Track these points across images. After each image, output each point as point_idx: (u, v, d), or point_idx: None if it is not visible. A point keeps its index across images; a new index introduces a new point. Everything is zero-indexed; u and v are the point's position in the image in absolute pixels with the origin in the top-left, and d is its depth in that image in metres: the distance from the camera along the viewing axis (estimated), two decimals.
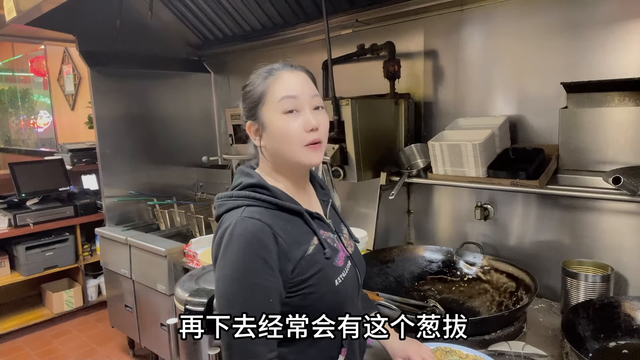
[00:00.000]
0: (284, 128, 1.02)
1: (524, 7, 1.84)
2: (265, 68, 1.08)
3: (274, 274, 0.96)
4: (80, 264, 3.84)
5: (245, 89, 1.09)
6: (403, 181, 1.96)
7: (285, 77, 1.05)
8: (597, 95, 1.63)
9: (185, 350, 1.80)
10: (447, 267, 1.90)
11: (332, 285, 1.03)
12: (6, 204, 3.66)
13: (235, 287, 0.96)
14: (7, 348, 3.44)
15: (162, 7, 3.23)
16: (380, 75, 2.14)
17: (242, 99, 1.10)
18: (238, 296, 0.96)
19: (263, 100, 1.04)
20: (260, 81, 1.05)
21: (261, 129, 1.05)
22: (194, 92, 3.53)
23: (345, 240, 1.18)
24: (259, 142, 1.08)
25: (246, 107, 1.08)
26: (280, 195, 1.04)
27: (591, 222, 1.72)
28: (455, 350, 1.29)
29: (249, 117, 1.08)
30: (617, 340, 1.38)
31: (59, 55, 5.29)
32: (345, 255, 1.12)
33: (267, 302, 0.96)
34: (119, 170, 3.17)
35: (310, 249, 1.02)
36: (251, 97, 1.06)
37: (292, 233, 1.00)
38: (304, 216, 1.05)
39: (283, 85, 1.04)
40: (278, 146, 1.04)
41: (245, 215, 0.98)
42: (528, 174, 1.64)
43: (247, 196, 1.02)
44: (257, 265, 0.94)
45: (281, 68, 1.07)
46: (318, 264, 1.02)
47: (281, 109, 1.02)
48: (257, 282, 0.95)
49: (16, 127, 6.84)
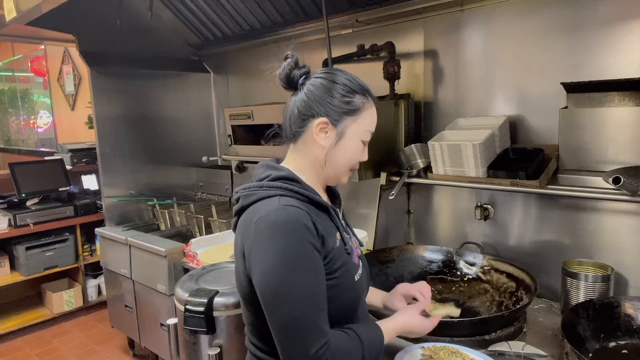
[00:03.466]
0: (354, 154, 1.09)
1: (524, 7, 1.84)
2: (362, 83, 1.09)
3: (319, 256, 0.97)
4: (80, 264, 3.84)
5: (339, 85, 1.06)
6: (403, 181, 1.96)
7: (374, 111, 1.10)
8: (597, 95, 1.63)
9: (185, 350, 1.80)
10: (447, 267, 1.90)
11: (353, 280, 1.06)
12: (6, 204, 3.66)
13: (292, 276, 0.93)
14: (7, 348, 3.44)
15: (162, 7, 3.23)
16: (380, 76, 2.14)
17: (327, 91, 1.05)
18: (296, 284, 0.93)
19: (355, 116, 1.06)
20: (361, 97, 1.07)
21: (335, 135, 1.05)
22: (193, 92, 3.53)
23: (355, 243, 1.20)
24: (323, 142, 1.06)
25: (334, 106, 1.04)
26: (310, 189, 1.06)
27: (591, 222, 1.72)
28: (462, 352, 1.29)
29: (330, 116, 1.04)
30: (617, 340, 1.38)
31: (59, 55, 5.29)
32: (358, 254, 1.15)
33: (321, 285, 0.96)
34: (119, 170, 3.17)
35: (337, 243, 1.04)
36: (348, 104, 1.05)
37: (323, 224, 1.01)
38: (330, 212, 1.08)
39: (373, 119, 1.10)
40: (338, 160, 1.08)
41: (283, 204, 0.97)
42: (528, 174, 1.64)
43: (280, 187, 1.02)
44: (308, 249, 0.95)
45: (373, 96, 1.10)
46: (342, 258, 1.04)
47: (363, 137, 1.08)
48: (312, 266, 0.95)
49: (16, 127, 6.84)
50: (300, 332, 0.92)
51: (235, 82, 3.38)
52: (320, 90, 1.05)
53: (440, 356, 1.27)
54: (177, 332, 1.81)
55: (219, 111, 3.57)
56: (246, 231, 0.99)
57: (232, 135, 2.67)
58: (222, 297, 1.66)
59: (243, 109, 2.51)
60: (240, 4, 2.81)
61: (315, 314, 0.94)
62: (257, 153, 2.56)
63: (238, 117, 2.54)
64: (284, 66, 1.09)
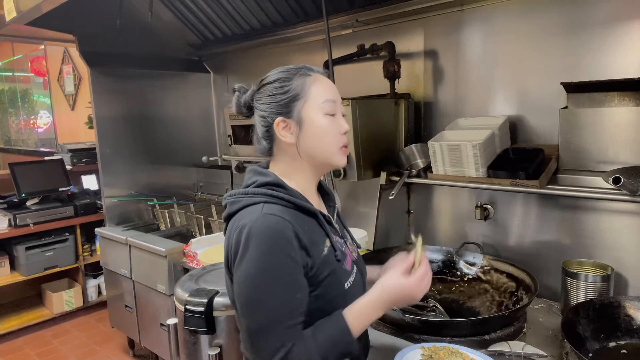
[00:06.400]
0: (326, 129, 1.05)
1: (524, 7, 1.84)
2: (297, 66, 1.09)
3: (300, 270, 0.96)
4: (80, 264, 3.84)
5: (274, 84, 1.07)
6: (403, 181, 1.96)
7: (324, 80, 1.08)
8: (597, 95, 1.63)
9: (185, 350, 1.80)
10: (447, 267, 1.90)
11: (343, 288, 1.04)
12: (6, 204, 3.66)
13: (262, 286, 0.94)
14: (7, 348, 3.44)
15: (162, 7, 3.23)
16: (380, 76, 2.14)
17: (267, 94, 1.07)
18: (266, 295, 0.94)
19: (303, 98, 1.04)
20: (298, 78, 1.06)
21: (296, 126, 1.05)
22: (193, 92, 3.53)
23: (350, 246, 1.18)
24: (290, 139, 1.05)
25: (277, 102, 1.05)
26: (297, 194, 1.05)
27: (591, 222, 1.72)
28: (462, 352, 1.29)
29: (281, 113, 1.05)
30: (617, 340, 1.38)
31: (59, 55, 5.29)
32: (352, 260, 1.12)
33: (294, 299, 0.95)
34: (119, 170, 3.17)
35: (325, 251, 1.03)
36: (287, 92, 1.05)
37: (309, 233, 1.00)
38: (319, 218, 1.06)
39: (325, 88, 1.07)
40: (314, 144, 1.05)
41: (266, 212, 0.97)
42: (528, 174, 1.64)
43: (265, 194, 1.02)
44: (283, 261, 0.94)
45: (317, 71, 1.09)
46: (331, 266, 1.02)
47: (324, 110, 1.05)
48: (285, 279, 0.94)
49: (16, 127, 6.84)
50: (265, 341, 0.94)
51: (235, 82, 3.30)
52: (265, 99, 1.07)
53: (440, 356, 1.27)
54: (177, 332, 1.81)
55: (219, 111, 3.57)
56: (231, 239, 1.01)
57: (232, 135, 2.67)
58: (222, 297, 1.66)
59: None
60: (240, 4, 2.81)
61: (281, 325, 0.93)
62: None
63: (238, 117, 2.54)
64: (234, 101, 1.12)
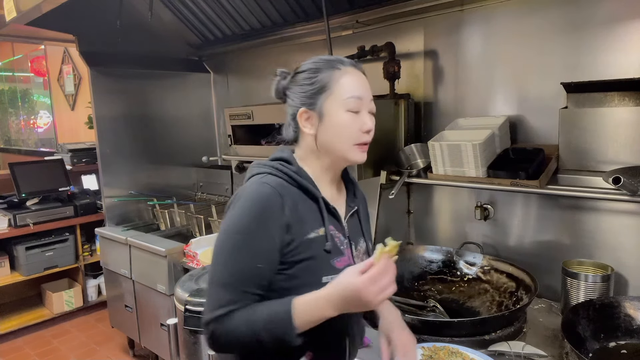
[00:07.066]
0: (345, 125, 1.04)
1: (524, 7, 1.84)
2: (329, 58, 1.08)
3: (273, 243, 0.97)
4: (80, 264, 3.84)
5: (304, 74, 1.07)
6: (403, 181, 1.96)
7: (353, 75, 1.06)
8: (597, 95, 1.63)
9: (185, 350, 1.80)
10: (447, 267, 1.90)
11: (319, 279, 1.00)
12: (6, 204, 3.66)
13: (229, 245, 0.97)
14: (7, 348, 3.44)
15: (162, 7, 3.23)
16: (380, 76, 2.14)
17: (297, 84, 1.08)
18: (229, 254, 0.97)
19: (328, 91, 1.04)
20: (326, 71, 1.05)
21: (317, 119, 1.05)
22: (193, 92, 3.53)
23: (357, 252, 1.13)
24: (310, 130, 1.06)
25: (303, 93, 1.06)
26: (302, 174, 1.06)
27: (591, 222, 1.72)
28: (462, 352, 1.29)
29: (305, 104, 1.06)
30: (617, 340, 1.38)
31: (59, 55, 5.29)
32: (348, 264, 1.07)
33: (255, 267, 0.96)
34: (119, 170, 3.17)
35: (312, 235, 1.02)
36: (313, 84, 1.05)
37: (301, 211, 1.01)
38: (319, 203, 1.05)
39: (352, 83, 1.05)
40: (331, 139, 1.05)
41: (263, 181, 1.01)
42: (528, 174, 1.64)
43: (272, 166, 1.06)
44: (257, 228, 0.96)
45: (348, 64, 1.07)
46: (312, 251, 1.01)
47: (347, 106, 1.03)
48: (252, 245, 0.96)
49: (16, 127, 6.83)
50: (215, 294, 0.97)
51: (235, 82, 3.38)
52: (295, 87, 1.08)
53: (440, 356, 1.28)
54: (177, 332, 1.81)
55: (219, 111, 3.57)
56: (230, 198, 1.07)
57: (232, 135, 2.67)
58: None
59: (243, 109, 2.51)
60: (240, 4, 2.81)
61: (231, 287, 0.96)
62: (257, 153, 2.56)
63: (238, 117, 2.54)
64: (273, 86, 1.13)
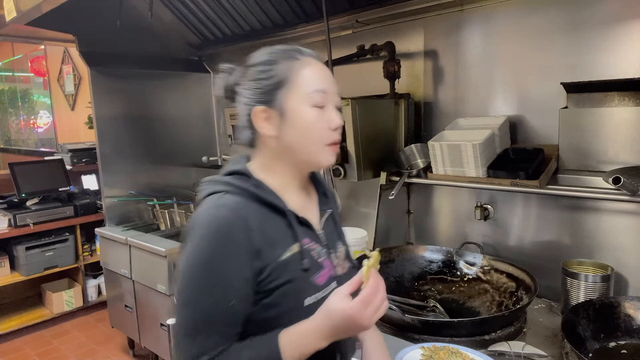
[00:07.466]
0: (312, 123, 0.92)
1: (524, 7, 1.84)
2: (286, 47, 0.96)
3: (242, 274, 0.85)
4: (80, 264, 3.84)
5: (258, 67, 0.95)
6: (403, 181, 1.96)
7: (316, 66, 0.95)
8: (597, 95, 1.63)
9: None
10: (447, 267, 1.90)
11: (300, 303, 0.89)
12: (6, 204, 3.66)
13: (194, 285, 0.85)
14: (7, 348, 3.44)
15: (162, 7, 3.22)
16: (380, 76, 2.14)
17: (250, 78, 0.95)
18: (196, 296, 0.85)
19: (287, 85, 0.92)
20: (284, 62, 0.93)
21: (278, 117, 0.93)
22: (193, 92, 3.52)
23: (337, 260, 1.02)
24: (270, 132, 0.94)
25: (259, 88, 0.93)
26: (264, 187, 0.93)
27: (591, 222, 1.72)
28: (462, 352, 1.29)
29: (262, 101, 0.93)
30: (617, 340, 1.38)
31: (59, 55, 5.29)
32: (330, 275, 0.97)
33: (227, 306, 0.85)
34: (119, 170, 3.16)
35: (286, 255, 0.90)
36: (270, 78, 0.93)
37: (269, 232, 0.89)
38: (287, 217, 0.93)
39: (315, 75, 0.94)
40: (299, 140, 0.93)
41: (220, 203, 0.89)
42: (528, 174, 1.64)
43: (228, 182, 0.93)
44: (220, 259, 0.84)
45: (308, 54, 0.97)
46: (288, 274, 0.89)
47: (311, 101, 0.92)
48: (220, 282, 0.84)
49: (16, 127, 6.83)
50: (186, 345, 0.85)
51: None
52: (248, 83, 0.95)
53: (440, 356, 1.28)
54: None
55: (219, 111, 3.57)
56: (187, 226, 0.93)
57: (233, 135, 2.67)
58: None
59: None
60: (240, 4, 2.81)
61: (207, 331, 0.84)
62: None
63: None
64: (219, 83, 1.01)
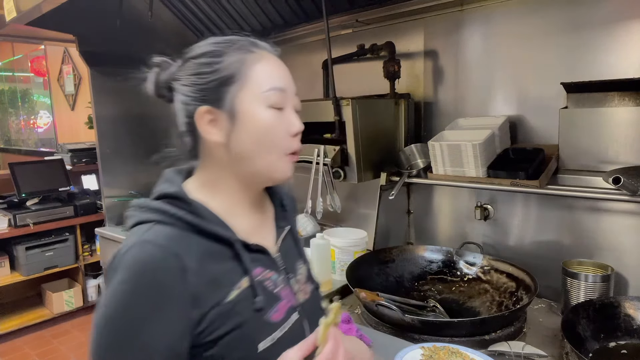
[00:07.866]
0: (269, 127, 0.77)
1: (524, 7, 1.84)
2: (237, 38, 0.81)
3: (172, 327, 0.70)
4: (80, 264, 3.84)
5: (201, 59, 0.80)
6: (403, 181, 1.96)
7: (272, 61, 0.81)
8: (597, 95, 1.63)
9: None
10: (447, 267, 1.90)
11: (254, 349, 0.75)
12: (6, 204, 3.66)
13: (108, 339, 0.69)
14: (7, 348, 3.44)
15: (162, 7, 3.23)
16: (380, 75, 2.14)
17: (191, 72, 0.80)
18: (107, 355, 0.69)
19: (238, 82, 0.77)
20: (234, 54, 0.79)
21: (226, 120, 0.78)
22: None
23: (298, 284, 0.88)
24: (217, 137, 0.79)
25: (203, 85, 0.78)
26: (204, 214, 0.77)
27: (591, 222, 1.72)
28: (462, 352, 1.29)
29: (207, 100, 0.78)
30: (617, 340, 1.38)
31: (59, 55, 5.29)
32: (290, 307, 0.83)
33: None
34: (119, 170, 3.17)
35: (233, 295, 0.75)
36: (216, 72, 0.78)
37: (210, 269, 0.74)
38: (235, 247, 0.77)
39: (271, 71, 0.80)
40: (252, 147, 0.78)
41: (146, 238, 0.72)
42: (528, 174, 1.64)
43: (159, 209, 0.77)
44: (145, 312, 0.68)
45: (264, 47, 0.82)
46: (238, 317, 0.74)
47: (267, 101, 0.78)
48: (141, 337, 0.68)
49: (16, 127, 6.83)
50: None
51: None
52: (188, 78, 0.80)
53: (440, 356, 1.27)
54: None
55: None
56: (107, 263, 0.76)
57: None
58: None
59: None
60: (240, 4, 2.81)
61: None
62: None
63: None
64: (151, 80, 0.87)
